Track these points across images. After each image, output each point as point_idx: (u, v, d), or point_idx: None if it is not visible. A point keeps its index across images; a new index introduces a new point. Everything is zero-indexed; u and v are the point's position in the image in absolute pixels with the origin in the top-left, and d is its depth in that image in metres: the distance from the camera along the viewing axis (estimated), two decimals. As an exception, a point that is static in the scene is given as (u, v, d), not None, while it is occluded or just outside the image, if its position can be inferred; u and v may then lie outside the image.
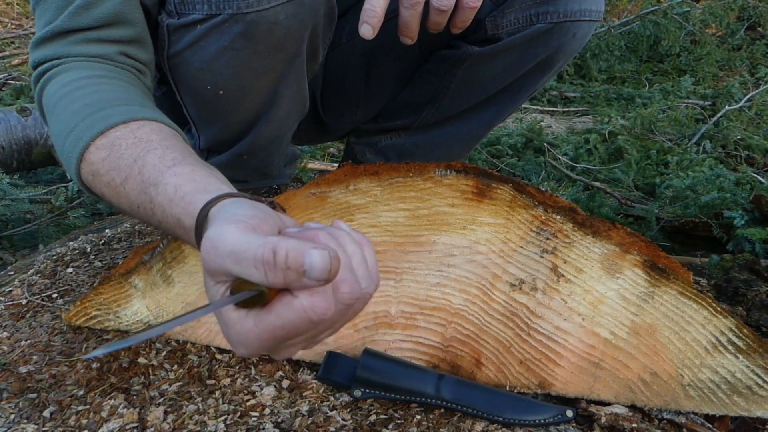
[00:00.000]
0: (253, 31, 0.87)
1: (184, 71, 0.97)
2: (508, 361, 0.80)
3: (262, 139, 1.08)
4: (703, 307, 0.75)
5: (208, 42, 0.90)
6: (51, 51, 0.83)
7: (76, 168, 0.74)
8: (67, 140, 0.74)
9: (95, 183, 0.73)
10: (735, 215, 1.43)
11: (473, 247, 0.81)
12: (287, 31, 0.89)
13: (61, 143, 0.76)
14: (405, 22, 0.84)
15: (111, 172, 0.70)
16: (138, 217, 0.70)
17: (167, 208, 0.62)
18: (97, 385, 0.81)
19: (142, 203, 0.67)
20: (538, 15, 1.02)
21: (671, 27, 3.74)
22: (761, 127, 2.67)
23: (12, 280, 1.07)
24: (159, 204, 0.64)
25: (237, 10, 0.85)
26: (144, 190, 0.66)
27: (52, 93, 0.80)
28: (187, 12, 0.88)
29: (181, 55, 0.94)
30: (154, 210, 0.65)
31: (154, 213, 0.65)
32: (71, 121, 0.75)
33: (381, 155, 1.28)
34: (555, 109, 3.26)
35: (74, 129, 0.74)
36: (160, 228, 0.67)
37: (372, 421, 0.75)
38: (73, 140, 0.74)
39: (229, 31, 0.88)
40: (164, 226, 0.65)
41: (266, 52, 0.91)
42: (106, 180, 0.71)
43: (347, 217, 0.83)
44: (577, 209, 0.80)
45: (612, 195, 1.96)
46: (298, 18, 0.89)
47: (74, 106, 0.76)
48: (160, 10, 0.92)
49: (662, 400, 0.76)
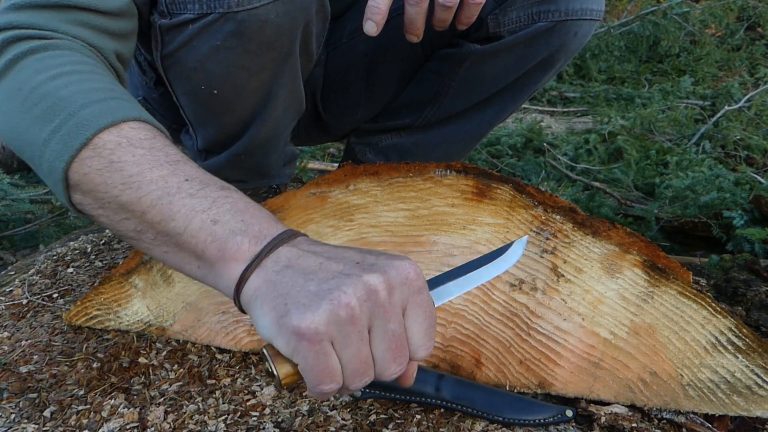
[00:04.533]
0: (244, 29, 0.87)
1: (178, 71, 0.97)
2: (507, 361, 0.80)
3: (259, 138, 1.09)
4: (702, 307, 0.75)
5: (201, 41, 0.90)
6: (41, 19, 0.70)
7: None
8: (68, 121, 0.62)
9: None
10: (734, 215, 1.44)
11: (473, 247, 0.81)
12: (278, 29, 0.89)
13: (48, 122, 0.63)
14: (411, 19, 0.84)
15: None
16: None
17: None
18: (97, 384, 0.81)
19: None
20: (539, 14, 1.02)
21: (671, 27, 3.74)
22: (761, 128, 2.67)
23: (13, 279, 1.07)
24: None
25: (227, 8, 0.85)
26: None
27: (33, 67, 0.67)
28: (179, 12, 0.88)
29: (175, 55, 0.94)
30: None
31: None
32: (77, 100, 0.63)
33: (381, 155, 1.29)
34: (555, 109, 3.26)
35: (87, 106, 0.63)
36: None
37: (372, 421, 0.75)
38: (89, 116, 0.62)
39: (221, 30, 0.88)
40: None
41: (258, 51, 0.91)
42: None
43: (347, 217, 0.83)
44: (577, 209, 0.80)
45: (612, 195, 1.96)
46: (289, 16, 0.89)
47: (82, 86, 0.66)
48: (151, 10, 0.91)
49: (662, 400, 0.77)
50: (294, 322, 0.50)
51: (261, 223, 0.57)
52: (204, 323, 0.87)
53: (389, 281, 0.52)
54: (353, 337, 0.51)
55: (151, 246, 0.61)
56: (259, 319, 0.53)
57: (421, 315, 0.54)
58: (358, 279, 0.51)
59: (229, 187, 0.61)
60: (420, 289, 0.54)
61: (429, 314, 0.55)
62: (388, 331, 0.52)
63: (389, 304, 0.52)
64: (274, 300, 0.52)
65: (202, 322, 0.87)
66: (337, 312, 0.50)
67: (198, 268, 0.59)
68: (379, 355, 0.53)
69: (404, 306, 0.53)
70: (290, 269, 0.53)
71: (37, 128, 0.63)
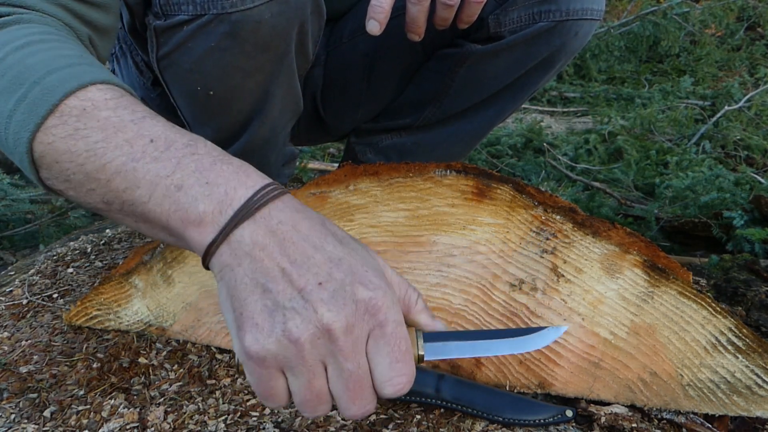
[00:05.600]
0: (239, 30, 0.87)
1: (174, 73, 0.97)
2: (507, 361, 0.80)
3: (257, 138, 1.09)
4: (702, 307, 0.75)
5: (196, 43, 0.90)
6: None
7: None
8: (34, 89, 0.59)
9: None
10: (734, 215, 1.44)
11: (473, 248, 0.81)
12: (273, 29, 0.89)
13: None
14: (412, 18, 0.84)
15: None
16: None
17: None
18: (97, 384, 0.81)
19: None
20: (540, 13, 1.02)
21: (671, 27, 3.74)
22: (761, 128, 2.67)
23: (13, 280, 1.07)
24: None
25: (221, 9, 0.85)
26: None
27: (8, 35, 0.64)
28: (173, 13, 0.88)
29: (170, 56, 0.94)
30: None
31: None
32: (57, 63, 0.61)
33: (382, 155, 1.29)
34: (555, 110, 3.27)
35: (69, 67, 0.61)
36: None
37: (372, 421, 0.75)
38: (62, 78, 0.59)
39: (215, 31, 0.87)
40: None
41: (254, 52, 0.91)
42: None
43: (347, 217, 0.83)
44: (577, 209, 0.80)
45: (612, 195, 1.96)
46: (283, 16, 0.89)
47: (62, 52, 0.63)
48: (146, 11, 0.91)
49: (662, 400, 0.77)
50: (245, 343, 0.48)
51: (227, 182, 0.53)
52: (204, 323, 0.87)
53: (348, 318, 0.48)
54: (302, 370, 0.49)
55: (121, 216, 0.58)
56: (223, 309, 0.51)
57: (384, 349, 0.50)
58: (313, 315, 0.47)
59: (196, 140, 0.57)
60: (383, 323, 0.49)
61: (396, 348, 0.50)
62: (345, 371, 0.49)
63: (345, 343, 0.48)
64: (233, 301, 0.49)
65: (202, 322, 0.87)
66: (287, 345, 0.47)
67: (169, 236, 0.56)
68: (337, 394, 0.50)
69: (367, 339, 0.50)
70: (251, 261, 0.50)
71: (3, 100, 0.60)
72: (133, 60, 1.14)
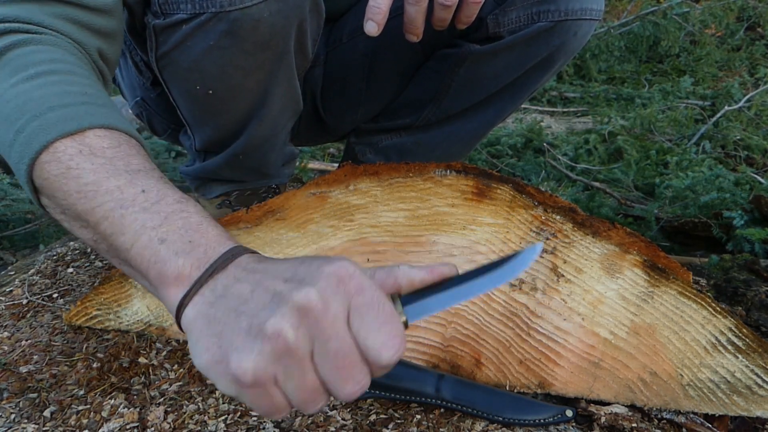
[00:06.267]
0: (237, 29, 0.87)
1: (173, 72, 0.97)
2: (507, 361, 0.80)
3: (256, 138, 1.08)
4: (702, 307, 0.75)
5: (195, 41, 0.90)
6: (25, 12, 0.69)
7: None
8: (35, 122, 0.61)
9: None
10: (734, 215, 1.44)
11: (473, 248, 0.81)
12: (272, 28, 0.89)
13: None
14: (410, 18, 0.84)
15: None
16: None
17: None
18: (97, 384, 0.81)
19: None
20: (539, 13, 1.02)
21: (671, 27, 3.74)
22: (761, 128, 2.67)
23: (13, 279, 1.07)
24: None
25: (220, 8, 0.85)
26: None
27: (14, 64, 0.66)
28: (172, 12, 0.88)
29: (170, 55, 0.94)
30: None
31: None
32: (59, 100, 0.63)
33: (382, 155, 1.29)
34: (555, 110, 3.27)
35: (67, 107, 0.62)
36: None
37: (372, 421, 0.75)
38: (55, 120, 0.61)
39: (214, 29, 0.87)
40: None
41: (253, 50, 0.91)
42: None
43: (347, 217, 0.83)
44: (577, 209, 0.80)
45: (612, 195, 1.96)
46: (282, 15, 0.89)
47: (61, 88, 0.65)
48: (145, 10, 0.91)
49: (662, 400, 0.77)
50: (231, 370, 0.47)
51: (209, 242, 0.54)
52: (204, 323, 0.87)
53: (321, 293, 0.47)
54: (293, 370, 0.48)
55: (109, 257, 0.60)
56: (196, 356, 0.50)
57: (368, 315, 0.48)
58: (288, 304, 0.47)
59: (186, 200, 0.59)
60: (358, 289, 0.48)
61: (380, 311, 0.49)
62: (330, 351, 0.48)
63: (325, 321, 0.47)
64: (209, 339, 0.49)
65: (202, 322, 0.87)
66: (273, 347, 0.46)
67: (148, 285, 0.57)
68: (328, 378, 0.49)
69: (347, 312, 0.48)
70: (224, 299, 0.50)
71: (5, 127, 0.62)
72: (132, 60, 1.14)
